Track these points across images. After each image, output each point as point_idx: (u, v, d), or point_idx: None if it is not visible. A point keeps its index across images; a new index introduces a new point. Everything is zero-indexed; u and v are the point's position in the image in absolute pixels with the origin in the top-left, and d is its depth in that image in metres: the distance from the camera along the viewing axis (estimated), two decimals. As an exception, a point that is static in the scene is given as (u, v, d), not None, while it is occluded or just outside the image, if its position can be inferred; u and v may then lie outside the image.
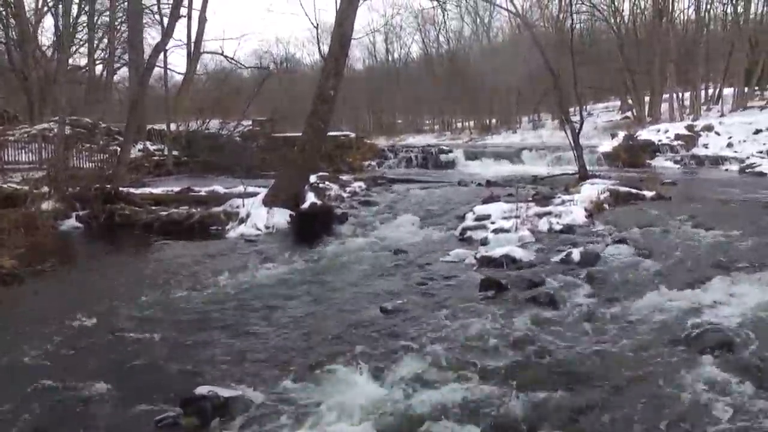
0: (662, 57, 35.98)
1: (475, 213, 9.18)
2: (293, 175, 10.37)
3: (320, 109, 10.37)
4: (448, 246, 7.49)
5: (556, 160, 20.91)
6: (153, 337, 4.39)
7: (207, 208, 10.71)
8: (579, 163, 14.25)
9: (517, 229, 7.59)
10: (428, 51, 61.87)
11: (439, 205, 10.68)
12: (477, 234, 7.81)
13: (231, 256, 7.42)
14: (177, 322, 4.74)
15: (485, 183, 13.51)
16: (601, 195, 9.71)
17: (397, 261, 6.79)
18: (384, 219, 9.43)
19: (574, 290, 5.19)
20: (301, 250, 7.57)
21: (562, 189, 12.09)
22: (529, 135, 44.62)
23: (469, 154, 21.16)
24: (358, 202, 11.15)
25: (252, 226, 9.18)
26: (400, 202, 11.20)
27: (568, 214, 8.16)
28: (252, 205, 10.03)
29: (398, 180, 14.82)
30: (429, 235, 8.26)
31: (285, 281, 6.01)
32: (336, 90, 10.60)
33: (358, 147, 21.23)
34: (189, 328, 4.62)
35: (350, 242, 7.86)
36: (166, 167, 19.58)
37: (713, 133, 25.95)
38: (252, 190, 10.66)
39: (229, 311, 5.04)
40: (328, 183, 12.70)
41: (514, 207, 9.13)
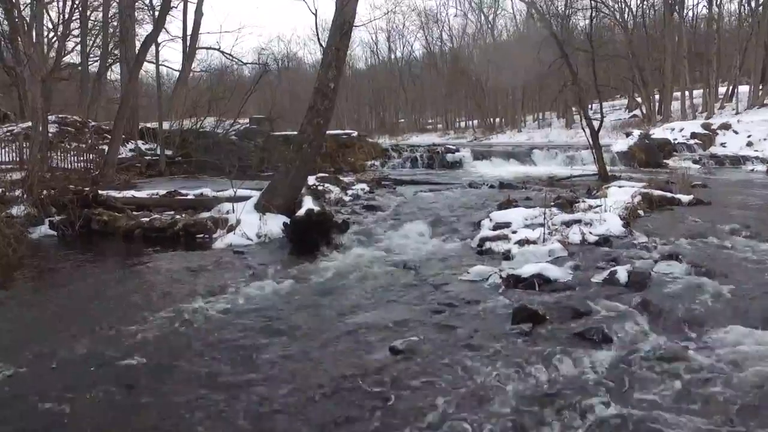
0: (673, 53, 34.96)
1: (493, 220, 8.17)
2: (289, 178, 9.35)
3: (319, 104, 9.35)
4: (466, 260, 6.48)
5: (569, 159, 19.94)
6: (85, 394, 3.37)
7: (195, 213, 9.76)
8: (599, 163, 13.25)
9: (545, 241, 6.57)
10: (431, 49, 61.05)
11: (450, 210, 9.66)
12: (498, 246, 6.79)
13: (215, 273, 6.41)
14: (126, 371, 3.72)
15: (498, 185, 12.50)
16: (632, 199, 8.68)
17: (407, 280, 5.78)
18: (390, 227, 8.42)
19: (630, 323, 4.17)
20: (296, 264, 6.56)
21: (584, 191, 11.08)
22: (535, 134, 43.71)
23: (477, 153, 20.13)
24: (361, 207, 10.14)
25: (242, 234, 8.17)
26: (407, 207, 10.18)
27: (602, 222, 7.14)
28: (243, 211, 9.03)
29: (404, 181, 13.80)
30: (442, 246, 7.25)
31: (274, 308, 5.00)
32: (337, 83, 9.59)
33: (360, 146, 20.22)
34: (142, 378, 3.60)
35: (352, 255, 6.85)
36: (158, 168, 18.60)
37: (731, 131, 24.91)
38: (244, 193, 9.66)
39: (201, 352, 4.03)
40: (328, 185, 11.69)
41: (537, 213, 8.14)
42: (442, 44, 59.90)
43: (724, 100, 34.44)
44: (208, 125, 20.26)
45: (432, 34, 59.81)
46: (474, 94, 52.64)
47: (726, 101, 34.44)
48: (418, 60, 63.32)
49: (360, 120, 59.87)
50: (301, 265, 6.49)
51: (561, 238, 6.63)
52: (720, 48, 34.71)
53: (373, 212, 9.74)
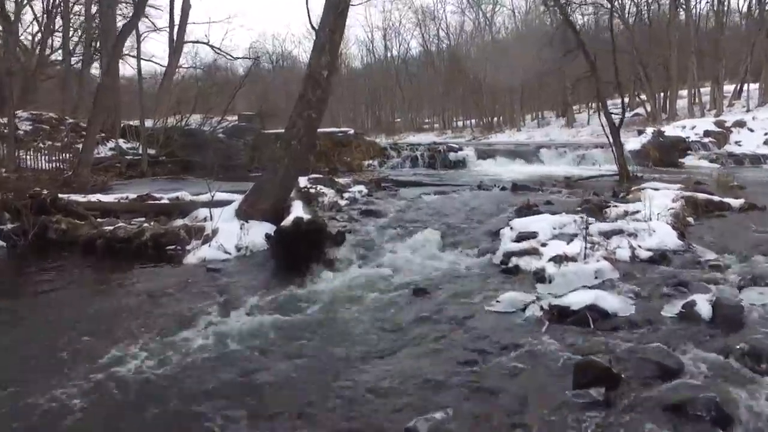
0: (680, 50, 33.83)
1: (514, 229, 6.93)
2: (276, 179, 8.09)
3: (311, 93, 8.10)
4: (491, 282, 5.24)
5: (579, 158, 18.74)
6: None
7: (169, 220, 8.50)
8: (620, 162, 12.05)
9: (587, 257, 5.34)
10: (428, 47, 59.91)
11: (462, 216, 8.41)
12: (527, 262, 5.56)
13: (178, 300, 5.15)
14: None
15: (511, 187, 11.26)
16: (675, 204, 7.46)
17: (420, 311, 4.55)
18: (393, 237, 7.16)
19: (744, 388, 2.94)
20: (279, 288, 5.31)
21: (609, 194, 9.86)
22: (535, 133, 42.70)
23: (481, 152, 18.90)
24: (359, 213, 8.89)
25: (218, 247, 6.92)
26: (411, 212, 8.93)
27: (651, 233, 5.90)
28: (222, 218, 7.79)
29: (405, 183, 12.55)
30: (457, 262, 6.00)
31: (246, 358, 3.75)
32: (331, 70, 8.33)
33: (357, 145, 18.96)
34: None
35: (349, 275, 5.61)
36: (140, 168, 17.31)
37: (746, 129, 23.79)
38: (223, 197, 8.42)
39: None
40: (321, 187, 10.43)
41: (566, 221, 6.92)
42: (439, 42, 58.85)
43: (732, 98, 33.34)
44: (194, 123, 18.98)
45: (429, 31, 58.75)
46: (472, 93, 51.57)
47: (734, 98, 33.36)
48: (414, 58, 62.26)
49: (356, 119, 58.65)
50: (286, 290, 5.24)
51: (606, 253, 5.39)
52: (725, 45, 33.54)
53: (372, 218, 8.49)
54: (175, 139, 18.47)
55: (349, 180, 11.77)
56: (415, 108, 60.29)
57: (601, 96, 12.51)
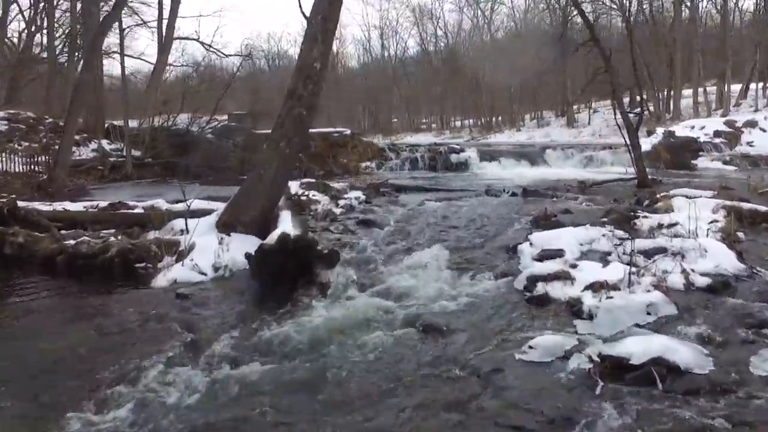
0: (684, 49, 32.96)
1: (535, 244, 6.01)
2: (262, 185, 7.14)
3: (302, 89, 7.16)
4: (515, 315, 4.31)
5: (587, 160, 17.85)
6: None
7: (142, 232, 7.55)
8: (638, 165, 11.12)
9: (631, 284, 4.40)
10: (426, 46, 59.00)
11: (471, 228, 7.48)
12: (558, 290, 4.62)
13: (136, 341, 4.20)
14: None
15: (521, 192, 10.34)
16: (715, 215, 6.55)
17: (432, 359, 3.62)
18: (394, 254, 6.22)
19: None
20: (259, 323, 4.36)
21: (631, 201, 8.96)
22: (535, 133, 41.82)
23: (484, 154, 17.97)
24: (356, 223, 7.95)
25: (192, 266, 5.96)
26: (413, 222, 7.99)
27: (702, 253, 4.98)
28: (199, 231, 6.84)
29: (406, 187, 11.61)
30: (471, 288, 5.05)
31: None
32: (324, 63, 7.40)
33: (354, 146, 18.01)
34: None
35: (343, 306, 4.67)
36: (124, 170, 16.34)
37: (757, 129, 22.93)
38: (201, 205, 7.48)
39: None
40: (314, 194, 9.50)
41: (594, 235, 6.01)
42: (437, 41, 57.95)
43: (739, 97, 32.51)
44: (181, 122, 18.00)
45: (426, 30, 57.81)
46: (471, 93, 50.71)
47: (741, 98, 32.52)
48: (412, 57, 61.35)
49: (353, 119, 57.62)
50: (267, 326, 4.29)
51: (654, 280, 4.45)
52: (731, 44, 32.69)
53: (370, 230, 7.55)
54: (162, 139, 17.52)
55: (345, 185, 10.82)
56: (412, 108, 59.39)
57: (617, 94, 11.60)
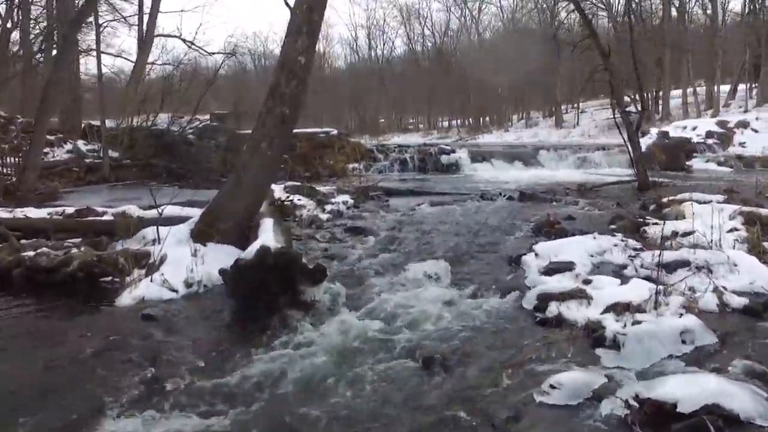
0: (673, 49, 32.75)
1: (540, 255, 5.50)
2: (241, 191, 6.55)
3: (284, 85, 6.57)
4: (527, 343, 3.76)
5: (581, 161, 17.43)
6: None
7: (111, 241, 6.92)
8: (638, 167, 10.68)
9: (658, 305, 3.87)
10: (413, 46, 58.61)
11: (468, 236, 6.94)
12: (574, 311, 4.09)
13: (95, 371, 3.59)
14: None
15: (518, 196, 9.83)
16: (732, 221, 6.06)
17: (434, 400, 3.06)
18: (387, 267, 5.66)
19: None
20: (233, 353, 3.78)
21: (635, 205, 8.48)
22: (523, 134, 41.57)
23: (475, 155, 17.47)
24: (344, 230, 7.38)
25: (162, 282, 5.35)
26: (406, 230, 7.44)
27: (732, 267, 4.47)
28: (172, 241, 6.24)
29: (397, 191, 11.04)
30: (475, 308, 4.50)
31: None
32: (309, 58, 6.81)
33: (341, 146, 17.43)
34: None
35: (330, 331, 4.09)
36: (101, 172, 15.60)
37: (749, 130, 22.66)
38: (173, 212, 6.86)
39: None
40: (299, 198, 8.91)
41: (606, 245, 5.50)
42: (425, 41, 57.61)
43: (728, 98, 32.38)
44: (161, 122, 17.30)
45: (414, 30, 57.45)
46: (458, 93, 50.37)
47: (730, 98, 32.39)
48: (399, 57, 60.95)
49: (339, 120, 57.03)
50: (243, 357, 3.71)
51: (684, 300, 3.92)
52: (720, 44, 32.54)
53: (360, 239, 6.99)
54: (141, 140, 16.79)
55: (331, 188, 10.24)
56: (399, 108, 58.96)
57: (617, 92, 11.14)
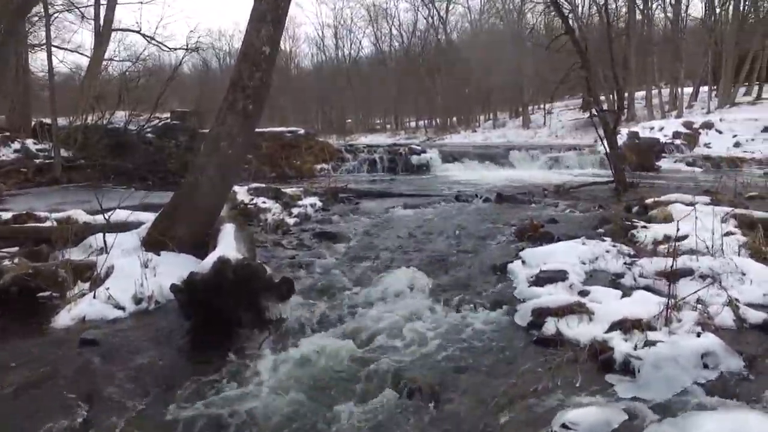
0: (638, 51, 33.07)
1: (528, 263, 5.07)
2: (199, 195, 5.94)
3: (247, 78, 5.99)
4: (526, 366, 3.30)
5: (553, 161, 17.21)
6: None
7: (51, 250, 6.21)
8: (616, 168, 10.40)
9: (669, 321, 3.46)
10: (380, 46, 58.27)
11: (447, 241, 6.47)
12: (573, 327, 3.66)
13: (16, 413, 2.99)
14: None
15: (495, 198, 9.42)
16: (726, 224, 5.74)
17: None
18: (361, 277, 5.15)
19: None
20: (184, 387, 3.21)
21: (618, 207, 8.15)
22: (491, 134, 41.61)
23: (446, 155, 17.08)
24: (312, 235, 6.83)
25: (107, 298, 4.71)
26: (380, 235, 6.94)
27: (740, 276, 4.10)
28: (122, 249, 5.61)
29: (368, 193, 10.52)
30: (462, 325, 4.01)
31: None
32: (274, 48, 6.24)
33: (308, 146, 16.83)
34: None
35: (298, 356, 3.55)
36: (52, 173, 14.66)
37: (714, 131, 22.92)
38: (122, 217, 6.21)
39: None
40: (264, 201, 8.31)
41: (599, 251, 5.10)
42: (392, 40, 57.31)
43: (690, 99, 32.87)
44: (118, 120, 16.41)
45: (381, 30, 57.11)
46: (426, 93, 50.21)
47: (692, 100, 32.89)
48: (367, 57, 60.55)
49: (306, 120, 56.34)
50: (195, 392, 3.14)
51: (698, 315, 3.52)
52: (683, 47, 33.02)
53: (330, 245, 6.44)
54: (97, 139, 15.88)
55: (299, 190, 9.65)
56: (367, 108, 58.55)
57: (594, 91, 10.86)
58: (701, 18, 36.14)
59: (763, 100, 28.60)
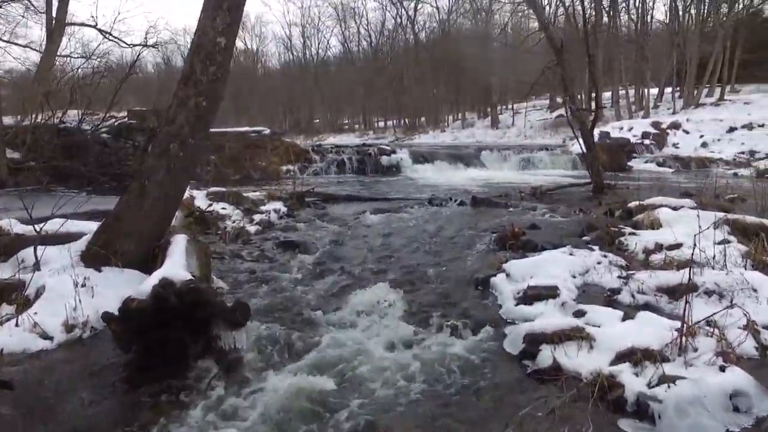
0: (604, 52, 33.24)
1: (513, 276, 4.61)
2: (146, 203, 5.29)
3: (200, 72, 5.38)
4: (524, 412, 2.79)
5: (525, 162, 16.93)
6: None
7: (-21, 264, 5.49)
8: (593, 169, 10.07)
9: (684, 350, 3.01)
10: (348, 45, 57.71)
11: (422, 252, 5.97)
12: (571, 357, 3.19)
13: None
14: None
15: (470, 201, 8.97)
16: (717, 230, 5.37)
17: None
18: (328, 295, 4.59)
19: None
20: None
21: (598, 211, 7.77)
22: (460, 134, 41.51)
23: (417, 155, 16.61)
24: (275, 245, 6.24)
25: (33, 326, 4.06)
26: (349, 244, 6.39)
27: (750, 293, 3.68)
28: (57, 265, 4.94)
29: (336, 197, 9.94)
30: (443, 354, 3.50)
31: None
32: (231, 40, 5.63)
33: (274, 147, 16.17)
34: None
35: (255, 397, 2.99)
36: (-5, 177, 13.67)
37: (681, 131, 23.04)
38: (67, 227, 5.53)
39: None
40: (224, 207, 7.68)
41: (588, 263, 4.66)
42: (360, 40, 56.80)
43: (656, 100, 33.20)
44: (70, 120, 15.45)
45: (349, 29, 56.54)
46: (394, 93, 49.88)
47: (658, 101, 33.22)
48: (335, 57, 59.96)
49: (274, 120, 55.41)
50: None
51: (717, 344, 3.07)
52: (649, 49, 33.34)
53: (294, 256, 5.88)
54: (47, 140, 14.90)
55: (262, 194, 9.02)
56: (335, 108, 57.93)
57: (571, 90, 10.54)
58: (665, 21, 36.70)
59: (725, 101, 29.00)
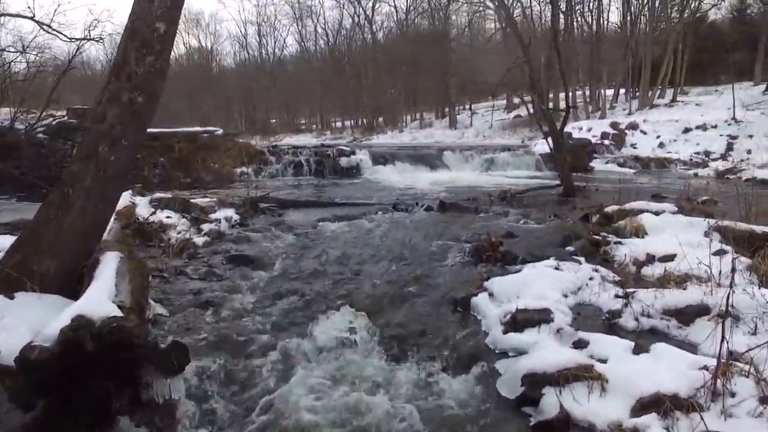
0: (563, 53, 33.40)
1: (497, 296, 4.09)
2: (69, 217, 4.51)
3: (135, 64, 4.63)
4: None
5: (488, 163, 16.56)
6: None
7: None
8: (563, 171, 9.69)
9: (718, 395, 2.50)
10: (305, 44, 56.81)
11: (390, 266, 5.36)
12: (581, 403, 2.65)
13: None
14: None
15: (437, 206, 8.43)
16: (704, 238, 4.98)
17: None
18: (285, 322, 3.94)
19: None
20: None
21: (574, 215, 7.35)
22: (418, 134, 41.25)
23: (377, 157, 16.01)
24: (225, 259, 5.53)
25: None
26: (309, 257, 5.74)
27: (764, 317, 3.23)
28: (-43, 292, 4.12)
29: (294, 202, 9.23)
30: (425, 402, 2.92)
31: None
32: (172, 26, 4.89)
33: (227, 148, 15.30)
34: None
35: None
36: None
37: (639, 132, 23.21)
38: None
39: None
40: (169, 215, 6.89)
41: (579, 279, 4.16)
42: (317, 39, 56.01)
43: (612, 101, 33.60)
44: (2, 119, 14.26)
45: (306, 28, 55.66)
46: (352, 93, 49.32)
47: (613, 101, 33.63)
48: (291, 56, 58.97)
49: (229, 120, 54.01)
50: None
51: (756, 386, 2.58)
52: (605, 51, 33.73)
53: (247, 272, 5.19)
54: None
55: (212, 200, 8.26)
56: (292, 108, 56.96)
57: (538, 88, 10.15)
58: (619, 24, 37.26)
59: (678, 102, 29.53)
